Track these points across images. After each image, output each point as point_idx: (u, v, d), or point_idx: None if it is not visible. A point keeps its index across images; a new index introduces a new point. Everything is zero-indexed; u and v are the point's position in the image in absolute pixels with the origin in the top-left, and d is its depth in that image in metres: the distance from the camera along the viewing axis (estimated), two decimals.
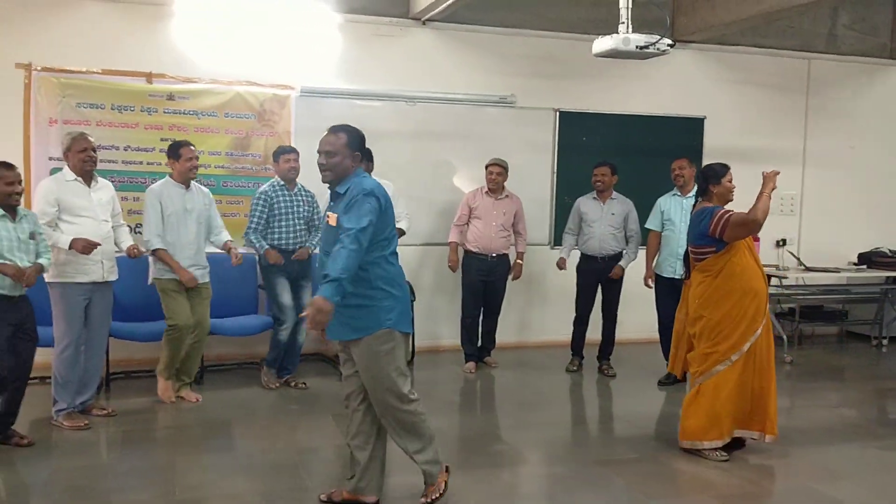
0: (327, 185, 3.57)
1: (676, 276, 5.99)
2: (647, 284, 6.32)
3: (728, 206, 4.52)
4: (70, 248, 4.58)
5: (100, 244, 4.67)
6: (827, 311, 8.21)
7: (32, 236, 4.37)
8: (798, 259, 7.92)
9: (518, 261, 6.57)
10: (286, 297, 5.62)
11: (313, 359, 6.72)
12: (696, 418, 4.48)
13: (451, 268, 6.49)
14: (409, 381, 3.57)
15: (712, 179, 4.58)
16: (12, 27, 5.97)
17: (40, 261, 4.39)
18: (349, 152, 3.50)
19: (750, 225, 4.32)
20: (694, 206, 4.74)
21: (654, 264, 6.27)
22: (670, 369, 6.00)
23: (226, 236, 5.53)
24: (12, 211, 4.29)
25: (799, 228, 8.28)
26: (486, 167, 6.44)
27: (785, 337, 7.29)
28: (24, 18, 6.00)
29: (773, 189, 4.39)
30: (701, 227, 4.47)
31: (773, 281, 7.56)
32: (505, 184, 6.48)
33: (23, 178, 4.45)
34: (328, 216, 3.51)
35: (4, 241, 4.21)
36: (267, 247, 5.58)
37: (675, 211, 6.15)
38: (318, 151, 3.51)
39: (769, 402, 4.44)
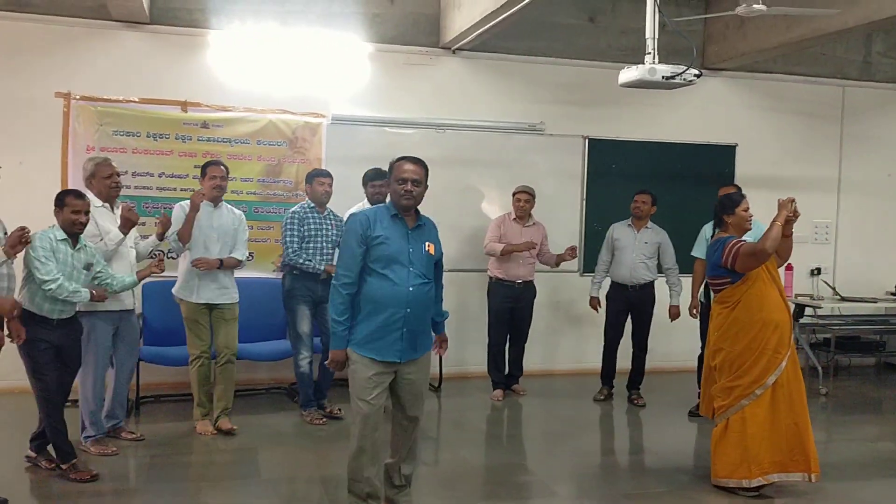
0: (400, 209, 3.74)
1: None
2: (691, 314, 6.17)
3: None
4: (125, 231, 4.74)
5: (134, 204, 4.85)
6: (863, 342, 8.03)
7: (88, 267, 4.46)
8: (833, 288, 7.77)
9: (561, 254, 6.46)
10: (305, 326, 5.58)
11: (339, 384, 6.72)
12: (725, 455, 4.38)
13: (529, 248, 6.33)
14: (367, 411, 3.64)
15: (727, 209, 4.52)
16: (53, 57, 6.13)
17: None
18: (426, 184, 3.80)
19: (759, 255, 4.24)
20: (712, 236, 4.68)
21: (699, 293, 6.15)
22: (702, 411, 5.90)
23: (238, 254, 5.39)
24: (74, 238, 4.38)
25: (834, 257, 8.14)
26: (514, 194, 6.46)
27: (820, 368, 7.14)
28: (63, 48, 6.16)
29: (787, 217, 4.28)
30: (714, 258, 4.41)
31: (808, 311, 7.44)
32: (532, 211, 6.47)
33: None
34: (429, 245, 3.79)
35: (62, 264, 4.28)
36: (320, 269, 5.50)
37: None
38: (404, 179, 3.68)
39: (807, 438, 4.31)
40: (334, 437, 5.34)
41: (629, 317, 6.47)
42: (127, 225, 4.76)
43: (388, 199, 3.95)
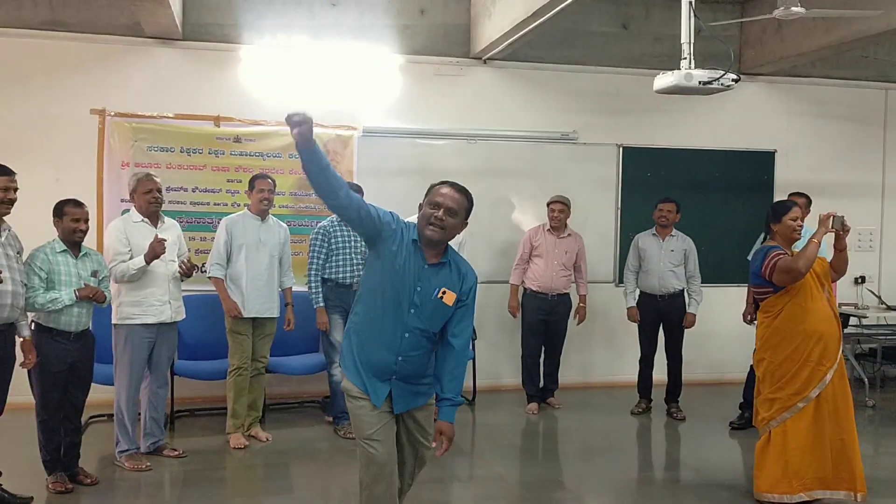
0: (422, 239, 3.09)
1: None
2: (745, 321, 6.03)
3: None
4: (147, 260, 4.63)
5: (166, 239, 4.72)
6: None
7: (94, 274, 4.45)
8: (878, 297, 7.55)
9: (581, 304, 6.45)
10: (338, 334, 5.56)
11: None
12: (767, 469, 4.26)
13: (511, 312, 6.41)
14: (369, 451, 3.14)
15: (773, 218, 4.40)
16: (88, 74, 6.21)
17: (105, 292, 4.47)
18: (465, 218, 3.16)
19: (793, 273, 4.12)
20: (763, 242, 4.57)
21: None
22: (754, 422, 5.73)
23: (289, 282, 5.57)
24: (75, 247, 4.39)
25: (879, 265, 7.91)
26: (548, 204, 6.36)
27: (866, 379, 6.93)
28: (98, 66, 6.24)
29: (836, 232, 4.18)
30: (755, 267, 4.32)
31: (852, 321, 7.22)
32: (567, 221, 6.38)
33: (92, 218, 4.58)
34: (445, 292, 3.09)
35: (63, 275, 4.29)
36: (322, 305, 5.52)
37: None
38: (437, 203, 3.05)
39: (853, 455, 4.16)
40: None
41: (661, 327, 6.34)
42: (151, 254, 4.64)
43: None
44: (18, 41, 6.11)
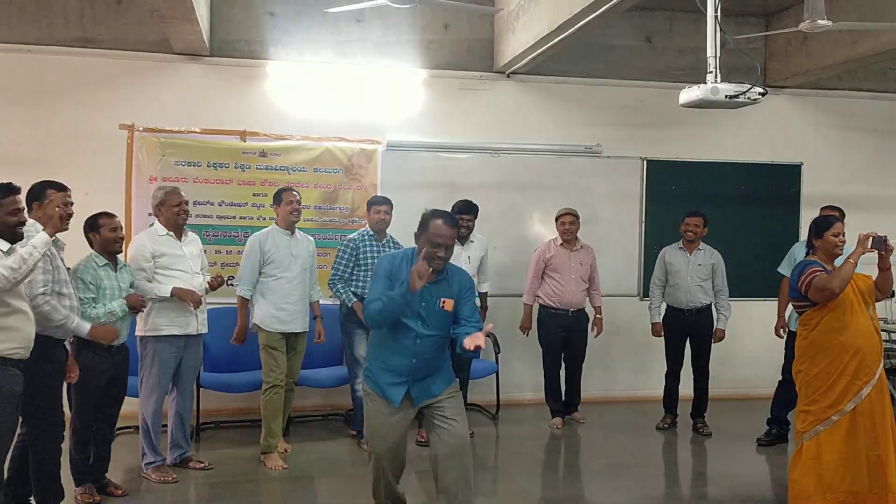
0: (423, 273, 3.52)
1: None
2: (777, 334, 5.98)
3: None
4: (172, 295, 4.67)
5: (202, 296, 4.79)
6: None
7: (131, 286, 4.53)
8: None
9: (598, 315, 6.37)
10: (361, 350, 5.51)
11: None
12: (799, 482, 4.18)
13: (524, 331, 6.35)
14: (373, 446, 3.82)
15: (815, 234, 4.36)
16: (117, 91, 6.32)
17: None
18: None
19: (826, 292, 4.07)
20: (806, 255, 4.52)
21: (786, 314, 5.91)
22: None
23: (317, 295, 5.58)
24: (114, 260, 4.46)
25: None
26: (557, 218, 6.28)
27: None
28: (127, 82, 6.34)
29: (880, 253, 4.11)
30: (793, 280, 4.28)
31: (883, 336, 7.10)
32: (577, 234, 6.31)
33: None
34: (444, 301, 3.63)
35: (108, 288, 4.35)
36: (356, 300, 5.50)
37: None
38: (438, 244, 3.57)
39: (889, 471, 4.06)
40: None
41: (688, 342, 6.28)
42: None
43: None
44: (50, 58, 6.23)
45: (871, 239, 4.15)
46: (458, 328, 3.67)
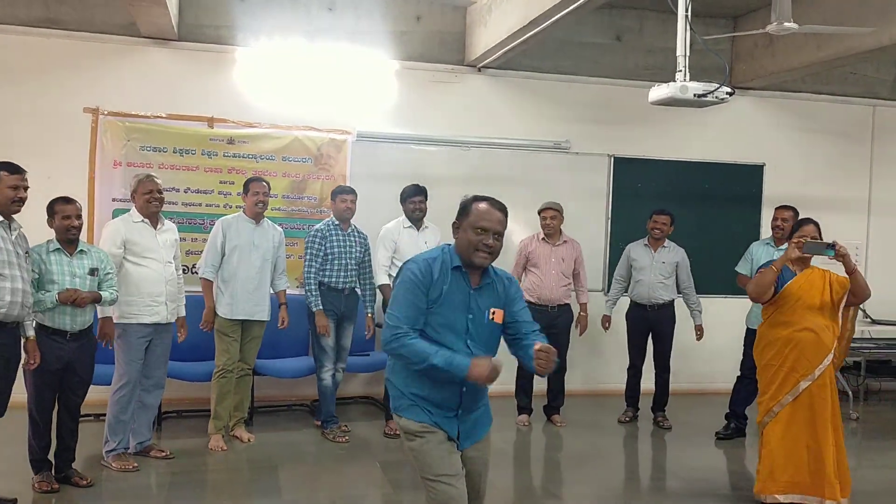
0: (469, 265, 2.91)
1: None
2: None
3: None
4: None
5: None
6: (894, 366, 7.85)
7: (93, 272, 4.40)
8: (863, 311, 7.62)
9: (582, 313, 6.29)
10: (329, 339, 5.59)
11: (363, 402, 6.69)
12: (758, 468, 4.41)
13: None
14: (448, 490, 2.87)
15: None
16: (81, 73, 6.20)
17: (103, 293, 4.40)
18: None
19: (749, 294, 4.40)
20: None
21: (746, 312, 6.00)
22: None
23: (283, 284, 5.57)
24: (70, 245, 4.35)
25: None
26: (539, 212, 6.24)
27: (850, 392, 7.00)
28: (92, 64, 6.23)
29: (840, 252, 4.14)
30: None
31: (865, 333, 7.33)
32: (561, 228, 6.25)
33: (84, 215, 4.56)
34: (493, 312, 2.93)
35: (56, 274, 4.25)
36: (321, 308, 5.50)
37: (766, 260, 5.91)
38: (485, 229, 2.85)
39: (826, 464, 4.20)
40: (355, 456, 5.30)
41: (650, 337, 6.37)
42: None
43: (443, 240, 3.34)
44: (12, 38, 6.09)
45: (804, 242, 4.20)
46: (524, 341, 2.99)
